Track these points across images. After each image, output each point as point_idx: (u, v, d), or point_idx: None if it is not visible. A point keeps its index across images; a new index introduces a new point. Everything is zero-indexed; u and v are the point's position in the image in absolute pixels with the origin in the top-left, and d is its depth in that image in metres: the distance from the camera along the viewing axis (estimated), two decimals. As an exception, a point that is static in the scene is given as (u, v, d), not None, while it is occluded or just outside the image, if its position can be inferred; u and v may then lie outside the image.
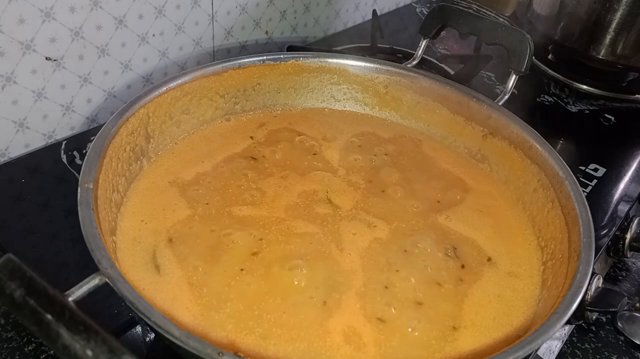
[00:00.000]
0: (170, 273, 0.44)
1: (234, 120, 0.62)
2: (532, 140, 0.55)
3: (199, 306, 0.41)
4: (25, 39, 0.59)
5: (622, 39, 0.79)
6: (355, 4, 1.00)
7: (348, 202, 0.53)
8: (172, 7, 0.71)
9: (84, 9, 0.62)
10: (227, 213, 0.50)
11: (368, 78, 0.65)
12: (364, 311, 0.42)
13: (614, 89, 0.87)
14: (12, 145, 0.64)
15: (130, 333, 0.47)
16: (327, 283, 0.44)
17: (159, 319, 0.33)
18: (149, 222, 0.48)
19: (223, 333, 0.40)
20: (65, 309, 0.31)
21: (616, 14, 0.78)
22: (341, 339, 0.40)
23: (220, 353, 0.31)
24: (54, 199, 0.58)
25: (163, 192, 0.51)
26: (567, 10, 0.83)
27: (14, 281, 0.31)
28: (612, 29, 0.79)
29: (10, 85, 0.60)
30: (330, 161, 0.58)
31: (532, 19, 0.90)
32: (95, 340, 0.29)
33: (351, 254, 0.47)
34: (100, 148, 0.46)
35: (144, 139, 0.53)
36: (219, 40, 0.80)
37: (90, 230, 0.39)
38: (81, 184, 0.42)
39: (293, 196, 0.52)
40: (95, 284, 0.35)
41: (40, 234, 0.54)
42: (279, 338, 0.40)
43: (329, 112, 0.66)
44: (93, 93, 0.68)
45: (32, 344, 0.45)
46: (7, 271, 0.32)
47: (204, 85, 0.58)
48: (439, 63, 0.86)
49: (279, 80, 0.63)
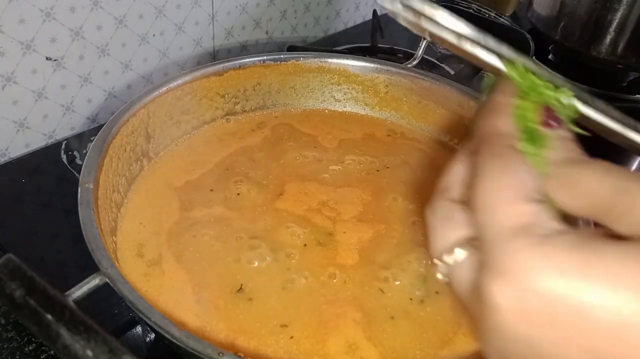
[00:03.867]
0: (171, 273, 0.44)
1: (234, 120, 0.62)
2: (532, 140, 0.55)
3: (200, 307, 0.41)
4: (26, 39, 0.59)
5: (622, 39, 0.79)
6: (355, 3, 1.00)
7: (348, 208, 0.52)
8: (172, 7, 0.71)
9: (84, 9, 0.62)
10: (228, 214, 0.50)
11: (368, 78, 0.65)
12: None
13: (615, 89, 0.87)
14: (12, 145, 0.64)
15: (130, 333, 0.47)
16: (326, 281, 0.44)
17: (159, 320, 0.33)
18: (149, 223, 0.48)
19: (223, 334, 0.40)
20: (66, 309, 0.31)
21: (616, 14, 0.78)
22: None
23: (221, 353, 0.31)
24: (54, 199, 0.58)
25: (163, 193, 0.51)
26: (568, 10, 0.83)
27: (14, 281, 0.31)
28: (612, 29, 0.79)
29: (11, 85, 0.60)
30: (330, 162, 0.58)
31: (532, 19, 0.90)
32: (95, 340, 0.29)
33: (348, 251, 0.47)
34: (100, 148, 0.46)
35: (144, 139, 0.53)
36: (219, 40, 0.80)
37: (90, 230, 0.39)
38: (81, 184, 0.42)
39: (293, 198, 0.52)
40: (96, 284, 0.36)
41: (40, 234, 0.54)
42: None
43: (329, 112, 0.66)
44: (93, 93, 0.68)
45: (33, 344, 0.45)
46: (7, 271, 0.32)
47: (204, 85, 0.58)
48: (439, 63, 0.86)
49: (279, 81, 0.63)
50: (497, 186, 0.23)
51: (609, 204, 0.22)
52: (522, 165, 0.24)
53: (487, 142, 0.25)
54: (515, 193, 0.23)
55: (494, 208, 0.23)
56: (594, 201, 0.23)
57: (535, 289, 0.20)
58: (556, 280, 0.20)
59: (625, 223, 0.22)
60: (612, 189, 0.22)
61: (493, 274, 0.22)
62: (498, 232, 0.22)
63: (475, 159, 0.25)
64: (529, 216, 0.22)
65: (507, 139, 0.25)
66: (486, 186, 0.24)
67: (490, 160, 0.24)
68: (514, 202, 0.23)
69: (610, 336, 0.19)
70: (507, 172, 0.24)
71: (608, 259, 0.20)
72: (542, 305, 0.20)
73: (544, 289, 0.20)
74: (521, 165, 0.24)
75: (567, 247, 0.21)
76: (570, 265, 0.20)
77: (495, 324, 0.22)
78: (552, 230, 0.22)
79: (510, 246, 0.21)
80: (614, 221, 0.22)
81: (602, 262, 0.20)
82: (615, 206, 0.22)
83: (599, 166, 0.24)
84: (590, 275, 0.20)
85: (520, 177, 0.23)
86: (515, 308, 0.21)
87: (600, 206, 0.23)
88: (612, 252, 0.20)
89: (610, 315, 0.19)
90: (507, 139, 0.25)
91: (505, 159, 0.24)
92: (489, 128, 0.26)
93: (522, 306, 0.21)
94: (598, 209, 0.23)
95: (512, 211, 0.22)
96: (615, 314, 0.19)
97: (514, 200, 0.23)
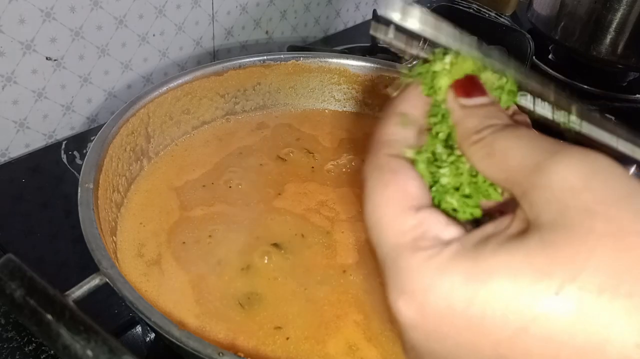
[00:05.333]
0: (171, 274, 0.44)
1: (233, 120, 0.62)
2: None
3: (199, 307, 0.41)
4: (26, 39, 0.59)
5: (622, 39, 0.79)
6: (355, 3, 1.00)
7: (347, 208, 0.52)
8: (172, 7, 0.71)
9: (84, 9, 0.62)
10: (227, 214, 0.50)
11: (368, 78, 0.65)
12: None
13: (615, 89, 0.87)
14: (12, 145, 0.64)
15: (130, 333, 0.47)
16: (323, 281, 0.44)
17: (159, 320, 0.33)
18: (149, 223, 0.48)
19: (223, 334, 0.40)
20: (66, 309, 0.31)
21: (616, 14, 0.78)
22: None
23: (221, 353, 0.31)
24: (54, 199, 0.58)
25: (163, 193, 0.51)
26: (568, 10, 0.83)
27: (14, 281, 0.31)
28: (612, 29, 0.79)
29: (11, 85, 0.60)
30: (330, 162, 0.58)
31: (532, 19, 0.90)
32: (95, 340, 0.29)
33: (347, 251, 0.47)
34: (100, 148, 0.46)
35: (144, 139, 0.53)
36: (219, 40, 0.80)
37: (90, 230, 0.39)
38: (81, 184, 0.42)
39: (292, 197, 0.52)
40: (96, 284, 0.35)
41: (40, 234, 0.54)
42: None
43: (329, 112, 0.66)
44: (93, 93, 0.68)
45: (33, 344, 0.45)
46: (7, 271, 0.32)
47: (204, 85, 0.58)
48: (439, 63, 0.86)
49: (279, 81, 0.63)
50: (380, 201, 0.23)
51: (523, 182, 0.21)
52: (404, 174, 0.24)
53: (372, 153, 0.25)
54: (398, 206, 0.23)
55: (381, 226, 0.23)
56: (508, 175, 0.22)
57: (433, 304, 0.21)
58: (448, 292, 0.20)
59: (527, 203, 0.21)
60: (523, 162, 0.21)
61: (396, 292, 0.22)
62: (389, 251, 0.22)
63: (363, 170, 0.25)
64: (415, 229, 0.22)
65: (391, 147, 0.25)
66: (371, 201, 0.23)
67: (372, 172, 0.24)
68: (399, 218, 0.22)
69: (510, 332, 0.19)
70: (389, 185, 0.23)
71: (492, 265, 0.20)
72: (442, 317, 0.21)
73: (440, 302, 0.20)
74: (403, 174, 0.24)
75: (454, 258, 0.21)
76: (458, 274, 0.20)
77: (409, 340, 0.22)
78: (440, 240, 0.22)
79: (402, 264, 0.22)
80: (522, 201, 0.21)
81: (485, 266, 0.20)
82: (522, 183, 0.21)
83: (521, 134, 0.22)
84: (476, 280, 0.20)
85: (402, 187, 0.23)
86: (421, 323, 0.21)
87: (514, 181, 0.22)
88: (497, 257, 0.20)
89: (505, 312, 0.19)
90: (390, 147, 0.25)
91: (386, 170, 0.24)
92: (375, 137, 0.26)
93: (427, 321, 0.21)
94: (512, 185, 0.22)
95: (399, 227, 0.22)
96: (508, 311, 0.19)
97: (398, 215, 0.23)
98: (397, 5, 0.25)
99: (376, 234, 0.23)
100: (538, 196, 0.20)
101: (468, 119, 0.24)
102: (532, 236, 0.20)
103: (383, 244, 0.23)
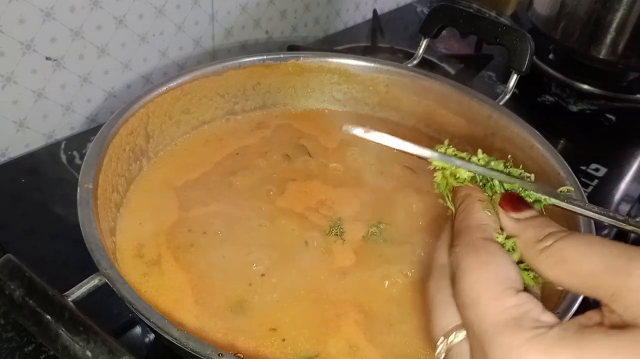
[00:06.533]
0: (170, 274, 0.44)
1: (233, 120, 0.62)
2: (533, 140, 0.55)
3: (199, 307, 0.41)
4: (26, 39, 0.59)
5: (622, 39, 0.79)
6: (355, 3, 1.00)
7: (346, 207, 0.52)
8: (172, 6, 0.71)
9: (84, 9, 0.62)
10: (227, 214, 0.49)
11: (368, 78, 0.65)
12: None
13: (615, 89, 0.87)
14: (12, 145, 0.64)
15: (130, 333, 0.47)
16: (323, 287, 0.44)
17: (158, 320, 0.33)
18: (149, 223, 0.48)
19: (222, 334, 0.40)
20: (65, 310, 0.31)
21: (616, 14, 0.78)
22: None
23: (220, 354, 0.31)
24: (54, 199, 0.58)
25: (163, 193, 0.51)
26: (568, 10, 0.83)
27: (13, 282, 0.31)
28: (612, 29, 0.79)
29: (11, 85, 0.60)
30: (330, 162, 0.58)
31: (532, 19, 0.90)
32: (94, 341, 0.29)
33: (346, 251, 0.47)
34: (100, 148, 0.46)
35: (143, 139, 0.53)
36: (219, 40, 0.80)
37: (90, 230, 0.38)
38: (81, 184, 0.42)
39: (292, 197, 0.52)
40: (95, 285, 0.35)
41: (40, 234, 0.54)
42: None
43: (329, 112, 0.66)
44: (93, 93, 0.68)
45: (32, 345, 0.45)
46: (6, 271, 0.32)
47: (204, 85, 0.58)
48: (440, 63, 0.86)
49: (279, 80, 0.63)
50: (480, 280, 0.23)
51: (602, 284, 0.22)
52: (502, 256, 0.24)
53: (465, 236, 0.26)
54: (499, 286, 0.23)
55: (479, 304, 0.23)
56: (586, 280, 0.23)
57: None
58: None
59: (621, 305, 0.21)
60: (602, 267, 0.22)
61: None
62: (488, 328, 0.22)
63: (454, 252, 0.25)
64: (517, 309, 0.22)
65: (483, 231, 0.26)
66: (468, 280, 0.24)
67: (468, 253, 0.25)
68: (500, 297, 0.23)
69: None
70: (488, 265, 0.24)
71: (600, 353, 0.20)
72: None
73: None
74: (500, 257, 0.24)
75: (560, 341, 0.21)
76: (565, 356, 0.20)
77: None
78: (541, 322, 0.22)
79: (504, 342, 0.22)
80: (610, 301, 0.22)
81: (593, 354, 0.20)
82: (610, 287, 0.22)
83: (590, 240, 0.23)
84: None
85: (502, 269, 0.24)
86: None
87: (595, 285, 0.22)
88: (603, 346, 0.20)
89: None
90: (483, 232, 0.26)
91: (483, 252, 0.24)
92: (464, 222, 0.27)
93: None
94: (593, 289, 0.22)
95: (500, 305, 0.23)
96: None
97: (499, 294, 0.23)
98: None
99: (474, 310, 0.23)
100: (633, 298, 0.21)
101: (527, 230, 0.26)
102: (635, 331, 0.20)
103: (482, 321, 0.23)
